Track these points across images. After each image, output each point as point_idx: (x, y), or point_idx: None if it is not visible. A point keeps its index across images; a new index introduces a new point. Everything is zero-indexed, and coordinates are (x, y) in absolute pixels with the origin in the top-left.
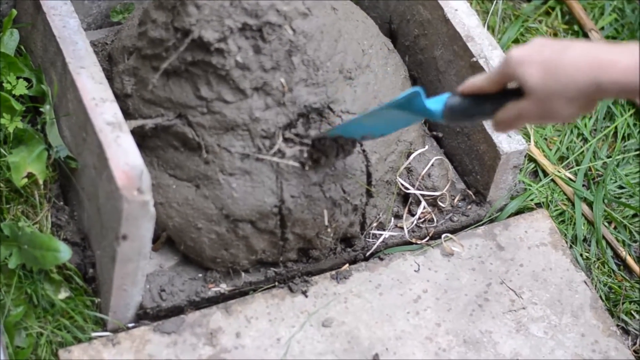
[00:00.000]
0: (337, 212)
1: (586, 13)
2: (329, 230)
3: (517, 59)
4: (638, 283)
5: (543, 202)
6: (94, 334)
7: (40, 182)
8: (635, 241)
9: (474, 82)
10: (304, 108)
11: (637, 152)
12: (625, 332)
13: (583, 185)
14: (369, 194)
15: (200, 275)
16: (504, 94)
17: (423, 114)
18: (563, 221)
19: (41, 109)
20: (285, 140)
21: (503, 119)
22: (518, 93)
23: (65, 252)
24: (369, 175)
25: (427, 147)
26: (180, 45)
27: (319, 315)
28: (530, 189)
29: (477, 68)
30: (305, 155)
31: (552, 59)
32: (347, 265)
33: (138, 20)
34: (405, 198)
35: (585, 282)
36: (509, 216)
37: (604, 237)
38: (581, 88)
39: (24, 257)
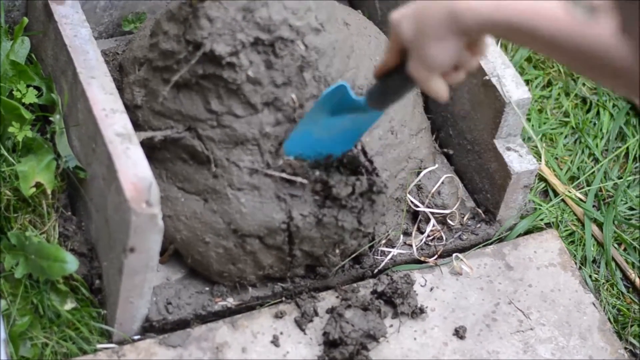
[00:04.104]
0: (347, 238)
1: None
2: (337, 250)
3: (395, 20)
4: None
5: (553, 222)
6: (99, 346)
7: (49, 191)
8: None
9: (380, 62)
10: None
11: None
12: (633, 355)
13: (593, 206)
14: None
15: (207, 288)
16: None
17: (353, 108)
18: (573, 242)
19: (51, 118)
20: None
21: (419, 85)
22: None
23: (72, 263)
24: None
25: (437, 164)
26: (191, 58)
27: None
28: (540, 209)
29: (489, 87)
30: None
31: (421, 7)
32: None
33: (150, 31)
34: (414, 215)
35: (594, 304)
36: (519, 236)
37: (613, 259)
38: (441, 21)
39: (31, 267)
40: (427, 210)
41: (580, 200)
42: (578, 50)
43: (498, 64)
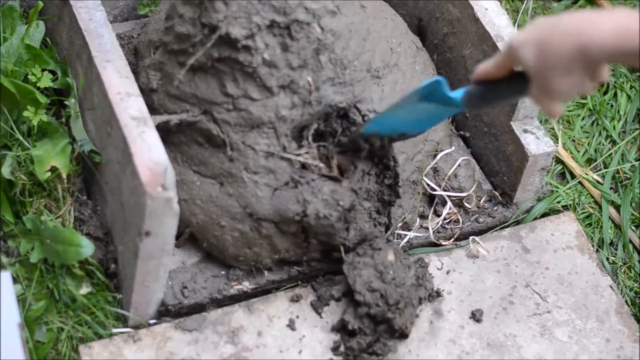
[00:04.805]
0: (365, 227)
1: None
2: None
3: (516, 44)
4: None
5: (570, 205)
6: (114, 330)
7: (64, 176)
8: None
9: (484, 69)
10: (329, 107)
11: None
12: None
13: (611, 188)
14: (396, 195)
15: (222, 272)
16: (514, 76)
17: (445, 103)
18: (590, 224)
19: (66, 102)
20: (312, 140)
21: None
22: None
23: (87, 247)
24: (396, 175)
25: (454, 147)
26: (207, 41)
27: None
28: (557, 191)
29: None
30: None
31: (545, 35)
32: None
33: (165, 15)
34: (431, 198)
35: (611, 287)
36: (535, 218)
37: (630, 241)
38: (570, 56)
39: (46, 252)
40: (444, 193)
41: (598, 182)
42: None
43: None
